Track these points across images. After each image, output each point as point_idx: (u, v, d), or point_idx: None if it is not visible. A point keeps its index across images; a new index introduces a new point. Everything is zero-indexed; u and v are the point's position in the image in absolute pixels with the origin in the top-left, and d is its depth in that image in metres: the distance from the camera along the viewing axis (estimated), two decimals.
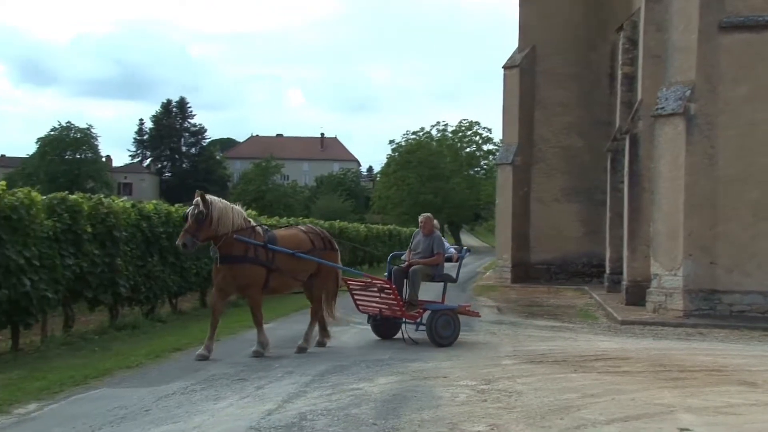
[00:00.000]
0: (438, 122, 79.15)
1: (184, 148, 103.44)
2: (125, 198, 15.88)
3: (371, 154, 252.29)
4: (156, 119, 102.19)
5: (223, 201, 10.99)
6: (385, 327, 12.80)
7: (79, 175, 79.36)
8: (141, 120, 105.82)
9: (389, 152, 79.83)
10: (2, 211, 10.43)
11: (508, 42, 75.85)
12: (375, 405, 7.81)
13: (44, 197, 11.99)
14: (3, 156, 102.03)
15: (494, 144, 74.11)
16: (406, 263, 12.74)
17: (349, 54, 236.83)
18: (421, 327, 12.30)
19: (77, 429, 6.91)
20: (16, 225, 10.66)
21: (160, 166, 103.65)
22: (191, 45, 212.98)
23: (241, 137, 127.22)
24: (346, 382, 9.02)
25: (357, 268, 34.42)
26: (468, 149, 78.79)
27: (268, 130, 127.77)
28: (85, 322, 13.82)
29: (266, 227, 11.80)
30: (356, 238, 32.77)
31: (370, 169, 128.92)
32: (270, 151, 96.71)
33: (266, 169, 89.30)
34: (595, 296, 21.29)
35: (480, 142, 77.94)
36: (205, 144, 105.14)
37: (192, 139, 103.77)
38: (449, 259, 13.06)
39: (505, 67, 28.28)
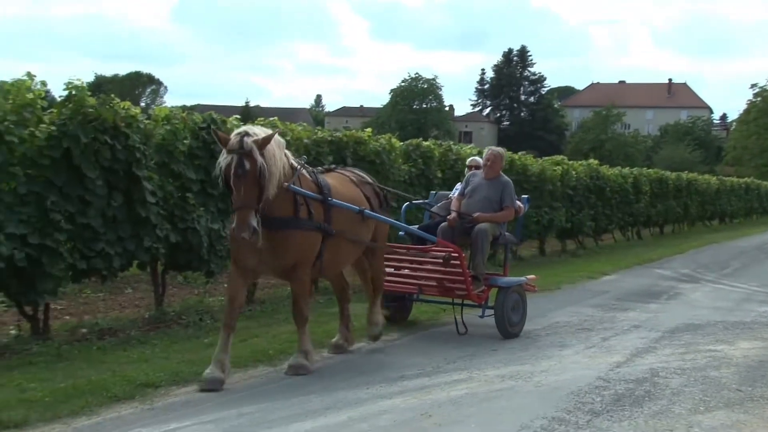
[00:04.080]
0: None
1: (522, 97, 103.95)
2: (471, 145, 16.47)
3: (726, 100, 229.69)
4: (497, 69, 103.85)
5: (260, 128, 6.77)
6: (398, 310, 9.22)
7: (425, 124, 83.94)
8: (482, 70, 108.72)
9: (750, 98, 72.55)
10: (368, 156, 11.46)
11: None
12: (737, 370, 7.27)
13: (402, 143, 12.91)
14: (361, 106, 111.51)
15: None
16: (453, 215, 8.66)
17: None
18: (488, 311, 8.67)
19: (433, 359, 7.40)
20: (378, 169, 11.63)
21: (498, 115, 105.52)
22: None
23: (580, 85, 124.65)
24: (701, 342, 8.52)
25: (705, 224, 32.32)
26: None
27: (610, 77, 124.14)
28: None
29: (308, 166, 7.18)
30: (706, 192, 30.48)
31: (723, 116, 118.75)
32: (611, 99, 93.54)
33: (606, 118, 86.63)
34: None
35: None
36: (543, 93, 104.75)
37: (531, 88, 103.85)
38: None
39: None
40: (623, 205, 21.91)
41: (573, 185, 18.70)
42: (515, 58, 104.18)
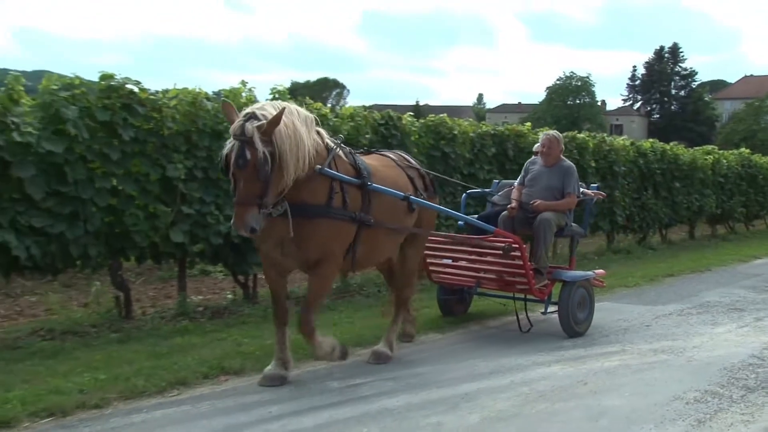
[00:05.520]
0: None
1: (673, 91, 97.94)
2: (624, 137, 15.81)
3: None
4: (648, 65, 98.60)
5: (273, 105, 4.99)
6: (456, 302, 7.83)
7: (578, 118, 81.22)
8: (634, 67, 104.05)
9: None
10: (527, 148, 11.25)
11: None
12: None
13: None
14: (519, 103, 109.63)
15: None
16: (514, 204, 7.28)
17: None
18: (551, 306, 7.17)
19: (588, 331, 7.22)
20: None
21: (649, 108, 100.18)
22: None
23: (732, 78, 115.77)
24: None
25: None
26: None
27: (765, 70, 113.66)
28: (585, 244, 14.20)
29: (344, 145, 5.67)
30: None
31: None
32: (765, 90, 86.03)
33: (759, 108, 79.85)
34: None
35: None
36: (694, 86, 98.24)
37: (681, 83, 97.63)
38: (579, 203, 7.65)
39: None
40: None
41: (724, 173, 17.60)
42: (667, 55, 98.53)
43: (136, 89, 6.83)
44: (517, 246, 6.59)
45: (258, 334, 6.65)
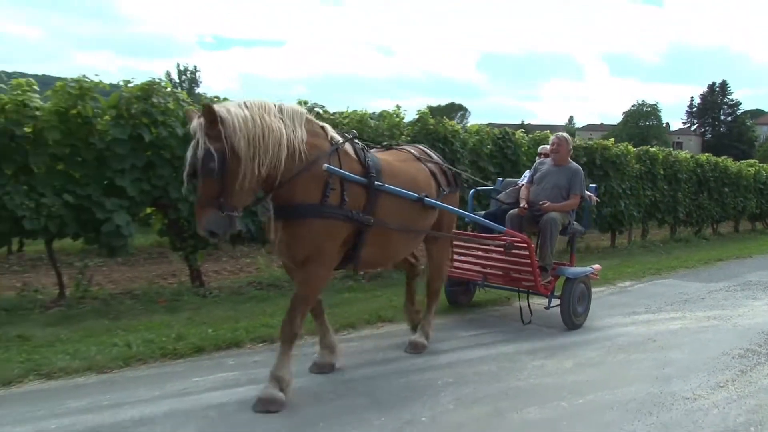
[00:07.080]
0: None
1: (722, 117, 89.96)
2: (686, 151, 14.76)
3: None
4: (702, 96, 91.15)
5: (249, 102, 3.35)
6: (461, 293, 6.20)
7: (647, 136, 76.22)
8: (691, 98, 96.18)
9: None
10: (611, 158, 10.79)
11: None
12: None
13: (635, 149, 11.87)
14: (602, 124, 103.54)
15: None
16: (523, 204, 5.64)
17: None
18: (554, 300, 5.53)
19: (655, 302, 6.70)
20: (618, 167, 10.93)
21: (703, 130, 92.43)
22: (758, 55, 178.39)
23: None
24: None
25: None
26: None
27: None
28: (654, 234, 13.38)
29: (356, 140, 3.92)
30: None
31: None
32: None
33: None
34: None
35: None
36: (738, 113, 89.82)
37: (729, 111, 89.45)
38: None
39: None
40: None
41: (763, 181, 16.21)
42: (717, 89, 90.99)
43: (320, 111, 7.07)
44: (525, 245, 5.17)
45: (400, 292, 6.52)
